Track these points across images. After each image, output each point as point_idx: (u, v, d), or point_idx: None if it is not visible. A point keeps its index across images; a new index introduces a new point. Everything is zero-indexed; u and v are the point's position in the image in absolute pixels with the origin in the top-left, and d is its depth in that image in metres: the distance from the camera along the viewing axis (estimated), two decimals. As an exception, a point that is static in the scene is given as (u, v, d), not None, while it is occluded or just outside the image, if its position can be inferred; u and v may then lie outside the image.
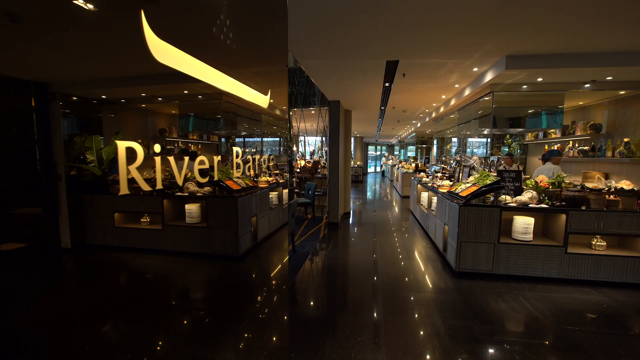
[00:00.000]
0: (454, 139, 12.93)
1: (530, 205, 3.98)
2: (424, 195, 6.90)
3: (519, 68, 3.63)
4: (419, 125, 11.42)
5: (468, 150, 13.62)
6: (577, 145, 5.88)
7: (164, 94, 5.78)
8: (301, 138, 18.21)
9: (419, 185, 7.44)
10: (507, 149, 10.75)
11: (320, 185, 8.97)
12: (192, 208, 4.99)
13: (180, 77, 3.68)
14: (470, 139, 13.46)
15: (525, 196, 4.05)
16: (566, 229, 3.86)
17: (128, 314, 3.20)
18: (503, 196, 4.13)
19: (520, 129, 5.57)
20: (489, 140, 5.52)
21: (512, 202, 4.03)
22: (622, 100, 5.14)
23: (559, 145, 6.35)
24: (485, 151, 11.80)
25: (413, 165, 13.03)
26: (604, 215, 3.79)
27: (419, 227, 6.91)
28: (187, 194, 4.98)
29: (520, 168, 7.55)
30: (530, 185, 4.23)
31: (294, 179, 8.47)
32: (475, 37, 3.13)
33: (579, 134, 5.75)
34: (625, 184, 4.01)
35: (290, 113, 8.22)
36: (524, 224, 4.04)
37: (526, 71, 3.73)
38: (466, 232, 4.02)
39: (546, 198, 4.06)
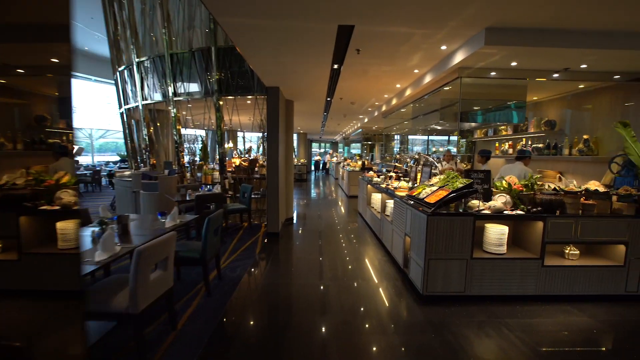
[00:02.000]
0: (397, 136, 12.71)
1: (505, 211, 3.36)
2: (376, 197, 6.17)
3: (500, 44, 2.95)
4: (366, 120, 10.83)
5: (409, 147, 13.52)
6: (530, 142, 5.63)
7: (26, 63, 4.09)
8: (240, 133, 16.64)
9: (369, 185, 6.70)
10: (452, 148, 10.71)
11: (259, 186, 7.78)
12: (66, 227, 3.47)
13: (45, 32, 2.24)
14: (410, 136, 13.39)
15: (499, 201, 3.43)
16: (543, 238, 3.32)
17: None
18: (475, 201, 3.46)
19: (480, 124, 5.10)
20: (457, 136, 4.90)
21: (485, 209, 3.37)
22: (576, 97, 4.92)
23: (520, 143, 6.09)
24: (426, 149, 11.71)
25: (359, 163, 12.48)
26: (581, 222, 3.33)
27: (370, 233, 6.16)
28: (58, 208, 3.44)
29: (464, 166, 7.28)
30: (502, 188, 3.64)
31: (226, 180, 7.15)
32: (456, -7, 2.31)
33: (532, 131, 5.48)
34: (595, 185, 3.63)
35: (220, 102, 6.87)
36: (498, 234, 3.42)
37: (506, 49, 3.06)
38: (435, 247, 3.26)
39: (521, 203, 3.49)
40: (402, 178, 5.80)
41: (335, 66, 4.32)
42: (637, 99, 4.02)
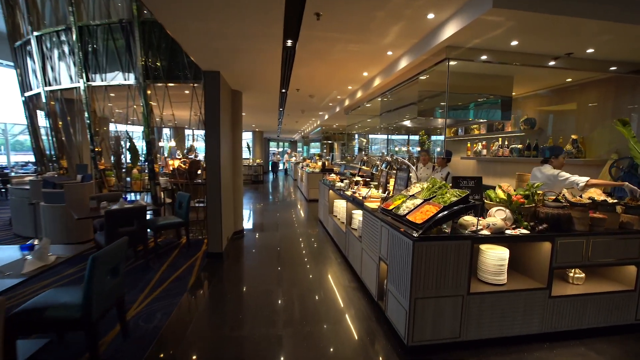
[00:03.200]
0: (357, 135, 12.04)
1: (507, 231, 2.64)
2: (339, 204, 5.30)
3: (510, 8, 2.17)
4: (326, 117, 9.97)
5: (370, 147, 12.93)
6: (507, 143, 5.11)
7: None
8: (188, 131, 14.95)
9: (331, 191, 5.83)
10: (413, 148, 10.22)
11: (202, 193, 6.54)
12: None
13: None
14: (371, 135, 12.82)
15: (498, 217, 2.70)
16: (551, 262, 2.65)
17: None
18: (469, 218, 2.69)
19: (459, 120, 4.43)
20: (444, 136, 4.17)
21: (483, 228, 2.61)
22: (561, 92, 4.44)
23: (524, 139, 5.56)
24: (387, 148, 11.16)
25: (319, 164, 11.61)
26: (592, 240, 2.71)
27: (333, 247, 5.27)
28: None
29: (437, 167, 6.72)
30: (497, 200, 2.93)
31: (158, 187, 5.83)
32: None
33: (509, 130, 4.96)
34: (598, 194, 3.07)
35: (148, 91, 5.53)
36: (497, 260, 2.69)
37: (516, 16, 2.30)
38: (424, 282, 2.43)
39: (522, 219, 2.79)
40: (370, 183, 4.99)
41: (289, 42, 3.33)
42: (633, 94, 3.56)
